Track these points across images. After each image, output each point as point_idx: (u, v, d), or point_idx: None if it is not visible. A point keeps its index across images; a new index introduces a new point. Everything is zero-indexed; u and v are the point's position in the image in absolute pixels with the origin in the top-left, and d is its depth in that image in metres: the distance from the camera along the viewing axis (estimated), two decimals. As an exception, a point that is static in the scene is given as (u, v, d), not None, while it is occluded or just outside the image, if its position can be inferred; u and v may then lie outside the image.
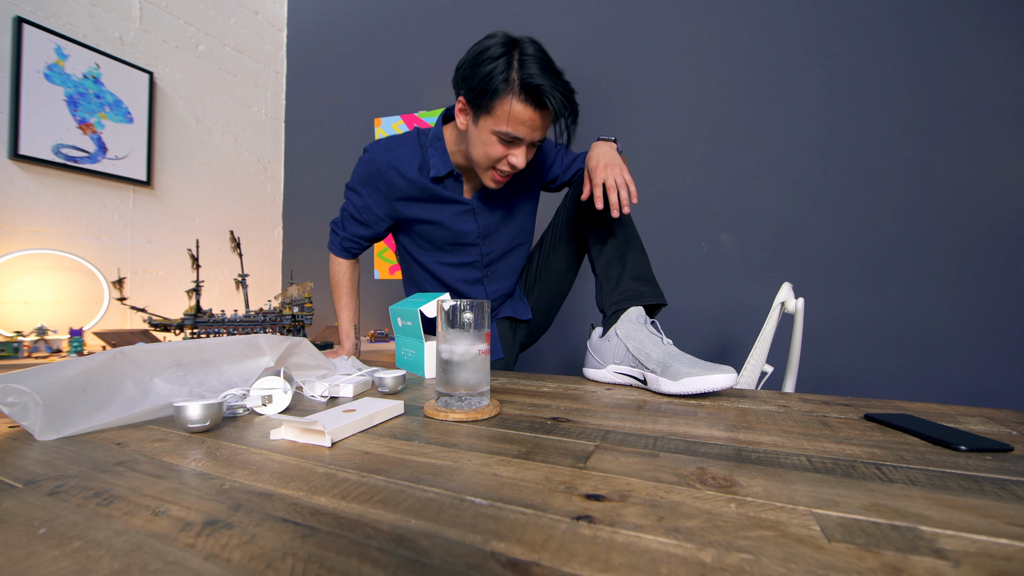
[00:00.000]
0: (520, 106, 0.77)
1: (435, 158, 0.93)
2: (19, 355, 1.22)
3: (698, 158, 1.59)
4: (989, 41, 1.27)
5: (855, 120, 1.40)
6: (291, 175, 2.48)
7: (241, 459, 0.41)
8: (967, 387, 1.26)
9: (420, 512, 0.31)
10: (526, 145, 0.82)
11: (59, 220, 1.60)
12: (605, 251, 0.86)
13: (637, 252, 0.86)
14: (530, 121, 0.78)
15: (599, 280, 0.87)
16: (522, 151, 0.82)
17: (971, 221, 1.27)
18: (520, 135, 0.80)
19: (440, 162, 0.93)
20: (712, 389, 0.66)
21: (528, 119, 0.78)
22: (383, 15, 2.22)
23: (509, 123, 0.78)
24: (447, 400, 0.57)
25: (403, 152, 0.94)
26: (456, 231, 0.99)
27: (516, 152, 0.82)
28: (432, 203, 0.96)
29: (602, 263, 0.86)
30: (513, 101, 0.76)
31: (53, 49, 1.57)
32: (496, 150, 0.82)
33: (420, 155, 0.95)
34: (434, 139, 0.93)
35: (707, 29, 1.59)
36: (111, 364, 0.54)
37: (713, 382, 0.66)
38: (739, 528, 0.29)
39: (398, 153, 0.94)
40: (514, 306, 1.09)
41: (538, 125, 0.80)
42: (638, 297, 0.82)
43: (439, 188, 0.95)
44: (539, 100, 0.76)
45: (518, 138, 0.80)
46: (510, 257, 1.06)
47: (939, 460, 0.42)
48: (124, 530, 0.28)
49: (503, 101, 0.77)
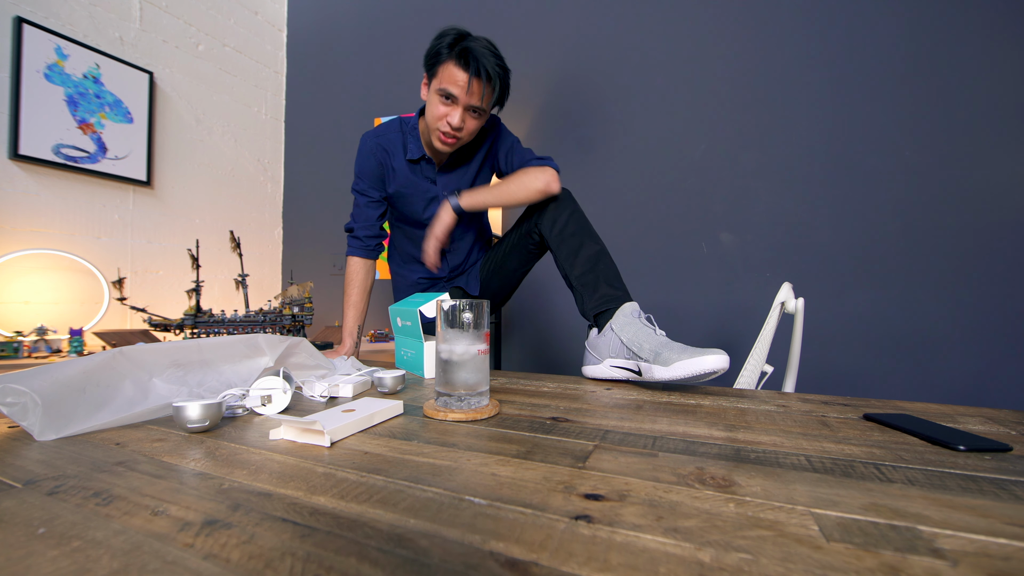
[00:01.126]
0: (454, 67, 0.93)
1: (412, 144, 1.10)
2: (19, 355, 1.22)
3: (698, 158, 1.59)
4: (989, 41, 1.27)
5: (855, 120, 1.40)
6: (291, 175, 2.48)
7: (240, 459, 0.41)
8: (966, 387, 1.26)
9: (419, 512, 0.31)
10: (462, 108, 0.96)
11: (59, 220, 1.60)
12: (578, 264, 0.93)
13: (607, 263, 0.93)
14: (462, 82, 0.93)
15: (577, 291, 0.93)
16: (457, 111, 0.96)
17: (971, 221, 1.27)
18: (454, 93, 0.94)
19: (415, 147, 1.10)
20: (704, 371, 0.66)
21: (461, 80, 0.93)
22: (383, 15, 2.22)
23: (445, 81, 0.94)
24: (446, 400, 0.57)
25: (388, 137, 1.12)
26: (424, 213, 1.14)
27: (453, 111, 0.96)
28: (410, 180, 1.12)
29: (576, 276, 0.92)
30: (450, 64, 0.93)
31: (53, 49, 1.57)
32: (439, 109, 0.97)
33: (401, 139, 1.11)
34: (412, 128, 1.11)
35: (707, 29, 1.59)
36: (110, 364, 0.54)
37: (704, 363, 0.66)
38: (738, 528, 0.29)
39: (384, 137, 1.12)
40: (467, 280, 1.21)
41: (472, 89, 0.93)
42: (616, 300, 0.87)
43: (415, 170, 1.12)
44: (469, 64, 0.92)
45: (453, 95, 0.94)
46: (467, 236, 1.22)
47: (938, 460, 0.42)
48: (123, 530, 0.28)
49: (444, 65, 0.94)
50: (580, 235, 0.94)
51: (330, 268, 2.31)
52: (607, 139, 1.73)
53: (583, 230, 0.95)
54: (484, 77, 0.93)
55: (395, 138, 1.11)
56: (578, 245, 0.93)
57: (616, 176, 1.71)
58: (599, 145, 1.74)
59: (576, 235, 0.94)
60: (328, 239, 2.33)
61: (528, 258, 1.11)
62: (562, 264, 0.96)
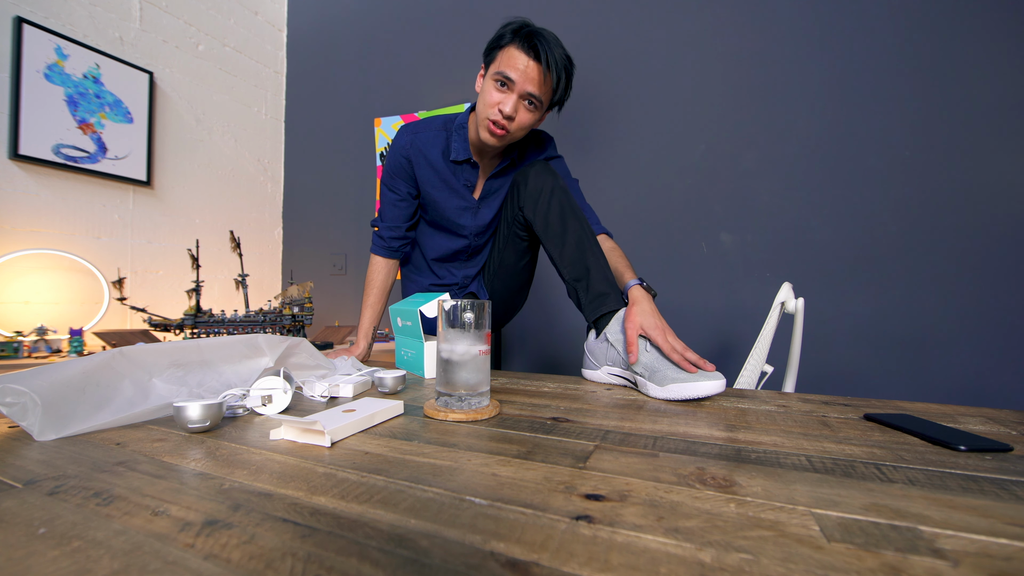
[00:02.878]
0: (516, 51, 0.87)
1: (457, 143, 1.01)
2: (19, 355, 1.22)
3: (698, 158, 1.59)
4: (990, 40, 1.27)
5: (855, 120, 1.39)
6: (291, 175, 2.48)
7: (241, 459, 0.41)
8: (967, 387, 1.26)
9: (420, 512, 0.31)
10: (517, 95, 0.89)
11: (59, 220, 1.60)
12: (566, 255, 0.86)
13: (595, 251, 0.85)
14: (523, 66, 0.87)
15: (571, 287, 0.87)
16: (512, 98, 0.89)
17: (971, 221, 1.27)
18: (512, 76, 0.87)
19: (461, 148, 1.01)
20: (698, 396, 0.65)
21: (522, 64, 0.87)
22: (383, 15, 2.22)
23: (503, 64, 0.88)
24: (447, 400, 0.57)
25: (427, 135, 1.03)
26: (455, 222, 1.08)
27: (507, 98, 0.89)
28: (446, 185, 1.04)
29: (567, 269, 0.86)
30: (511, 47, 0.88)
31: (53, 49, 1.57)
32: (492, 96, 0.90)
33: (444, 140, 1.03)
34: (459, 127, 1.02)
35: (707, 28, 1.59)
36: (110, 364, 0.54)
37: (699, 389, 0.65)
38: (738, 528, 0.29)
39: (421, 136, 1.03)
40: (477, 289, 1.16)
41: (531, 75, 0.87)
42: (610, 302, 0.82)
43: (455, 174, 1.03)
44: (533, 48, 0.86)
45: (510, 78, 0.88)
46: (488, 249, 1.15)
47: (939, 460, 0.42)
48: (124, 530, 0.28)
49: (505, 49, 0.89)
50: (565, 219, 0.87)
51: (330, 268, 2.31)
52: (607, 138, 1.73)
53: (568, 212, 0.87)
54: (545, 64, 0.86)
55: (434, 137, 1.03)
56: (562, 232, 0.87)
57: (616, 176, 1.71)
58: (599, 144, 1.74)
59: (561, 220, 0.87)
60: (328, 239, 2.33)
61: (524, 248, 1.03)
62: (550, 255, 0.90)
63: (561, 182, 0.91)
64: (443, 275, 1.16)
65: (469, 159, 1.01)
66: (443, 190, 1.04)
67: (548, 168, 0.92)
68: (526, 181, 0.93)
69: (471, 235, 1.10)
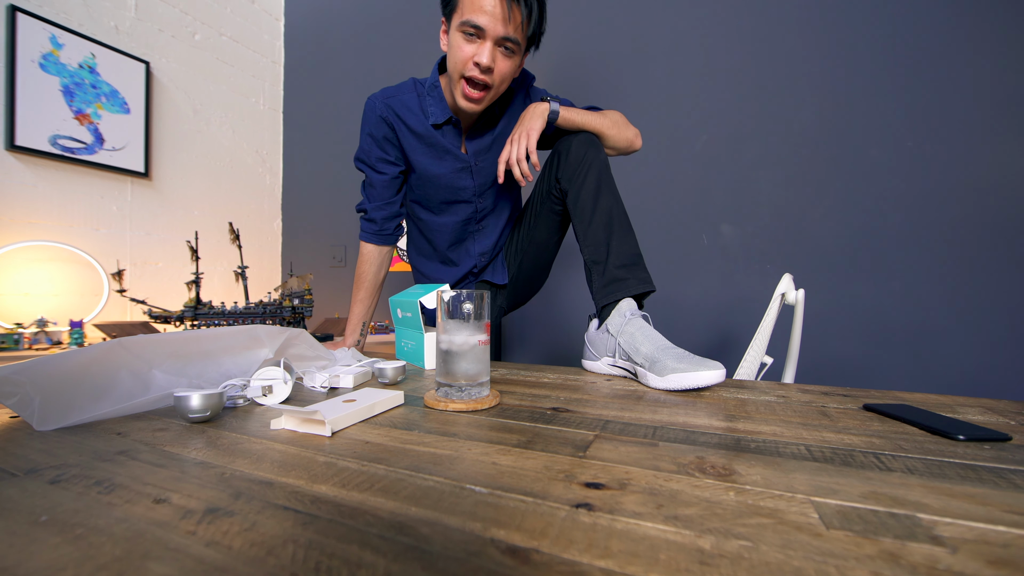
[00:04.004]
0: None
1: (433, 106, 0.94)
2: (20, 347, 1.22)
3: (699, 149, 1.58)
4: (992, 33, 1.25)
5: (856, 111, 1.38)
6: (289, 166, 2.46)
7: (242, 448, 0.41)
8: (966, 378, 1.26)
9: (420, 500, 0.31)
10: (491, 42, 0.81)
11: (57, 212, 1.60)
12: (590, 234, 0.82)
13: (622, 232, 0.81)
14: (491, 7, 0.78)
15: (588, 269, 0.84)
16: (486, 47, 0.81)
17: (972, 212, 1.27)
18: (481, 24, 0.79)
19: (438, 109, 0.94)
20: (698, 386, 0.65)
21: (489, 5, 0.78)
22: (382, 4, 2.20)
23: (468, 10, 0.79)
24: (447, 390, 0.57)
25: (401, 98, 0.95)
26: (454, 187, 1.00)
27: (481, 48, 0.81)
28: (433, 150, 0.97)
29: (588, 249, 0.82)
30: None
31: (48, 38, 1.56)
32: (463, 50, 0.82)
33: (418, 102, 0.95)
34: (431, 87, 0.94)
35: (708, 20, 1.57)
36: (110, 355, 0.54)
37: (699, 378, 0.65)
38: (738, 516, 0.29)
39: (396, 99, 0.95)
40: (494, 269, 1.10)
41: (499, 14, 0.79)
42: (623, 288, 0.79)
43: (439, 136, 0.96)
44: None
45: (479, 26, 0.79)
46: (500, 212, 1.08)
47: (937, 449, 0.42)
48: (125, 518, 0.28)
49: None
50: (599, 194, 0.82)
51: (330, 260, 2.30)
52: (608, 130, 1.71)
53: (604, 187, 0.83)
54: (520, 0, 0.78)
55: (410, 99, 0.95)
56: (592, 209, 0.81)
57: (616, 167, 1.69)
58: (600, 136, 1.73)
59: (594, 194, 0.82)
60: (327, 230, 2.32)
61: (557, 222, 0.97)
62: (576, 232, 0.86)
63: (604, 156, 0.85)
64: (457, 259, 1.09)
65: (450, 119, 0.94)
66: (431, 156, 0.97)
67: (593, 141, 0.86)
68: (568, 151, 0.86)
69: (475, 197, 1.03)
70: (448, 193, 1.01)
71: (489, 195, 1.04)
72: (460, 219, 1.05)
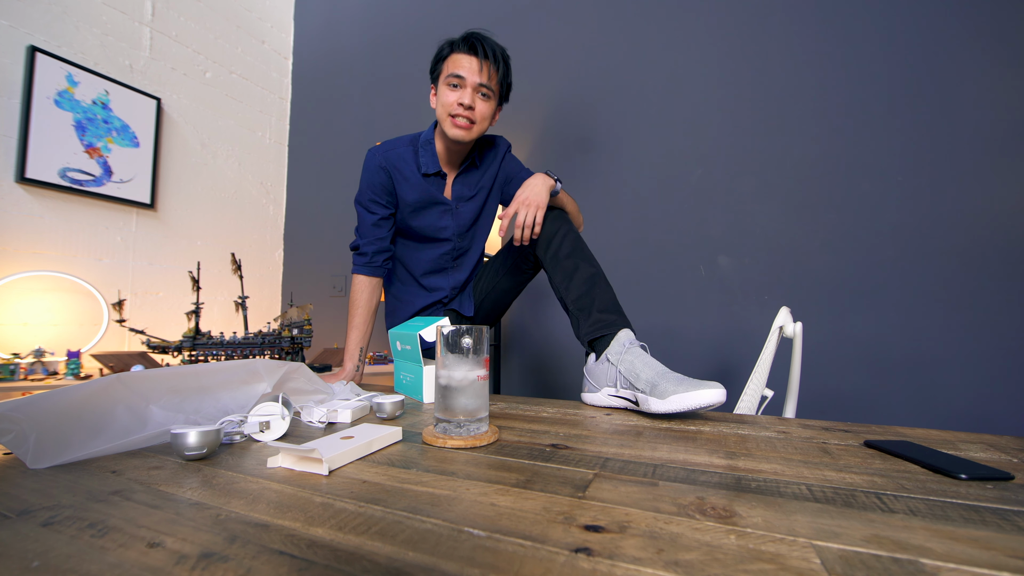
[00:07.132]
0: (459, 55, 1.00)
1: (425, 158, 1.11)
2: (16, 377, 1.21)
3: (696, 181, 1.61)
4: (984, 65, 1.30)
5: (852, 144, 1.42)
6: (293, 198, 2.51)
7: (238, 488, 0.41)
8: (967, 411, 1.25)
9: (418, 544, 0.30)
10: (471, 88, 1.00)
11: (61, 242, 1.62)
12: (573, 287, 0.92)
13: (603, 286, 0.92)
14: (467, 63, 1.00)
15: (573, 316, 0.93)
16: (467, 91, 1.00)
17: (969, 244, 1.28)
18: (462, 74, 1.00)
19: (430, 161, 1.11)
20: (699, 405, 0.65)
21: (466, 62, 1.00)
22: (385, 44, 2.29)
23: (451, 67, 1.01)
24: (445, 426, 0.57)
25: (398, 151, 1.12)
26: (436, 226, 1.15)
27: (463, 93, 1.01)
28: (421, 196, 1.12)
29: (572, 299, 0.92)
30: (454, 54, 1.01)
31: (64, 76, 1.61)
32: (449, 96, 1.01)
33: (413, 155, 1.12)
34: (425, 143, 1.12)
35: (704, 53, 1.63)
36: (108, 390, 0.54)
37: (699, 398, 0.65)
38: (739, 561, 0.28)
39: (393, 152, 1.12)
40: (461, 301, 1.20)
41: (475, 68, 1.00)
42: (613, 325, 0.86)
43: (428, 183, 1.12)
44: (472, 48, 1.00)
45: (460, 75, 1.00)
46: (474, 252, 1.23)
47: (940, 489, 0.42)
48: (119, 563, 0.28)
49: (449, 57, 1.02)
50: (575, 257, 0.94)
51: (330, 290, 2.31)
52: (605, 162, 1.76)
53: (578, 252, 0.95)
54: (490, 57, 0.99)
55: (405, 152, 1.12)
56: (573, 268, 0.93)
57: (614, 199, 1.73)
58: (597, 168, 1.77)
59: (571, 256, 0.94)
60: (328, 261, 2.34)
61: (522, 279, 1.13)
62: (557, 286, 0.96)
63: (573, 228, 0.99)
64: (430, 286, 1.19)
65: (438, 171, 1.11)
66: (420, 200, 1.12)
67: (562, 216, 1.01)
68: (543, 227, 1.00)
69: (454, 236, 1.16)
70: (431, 231, 1.15)
71: (467, 237, 1.19)
72: (438, 254, 1.17)
